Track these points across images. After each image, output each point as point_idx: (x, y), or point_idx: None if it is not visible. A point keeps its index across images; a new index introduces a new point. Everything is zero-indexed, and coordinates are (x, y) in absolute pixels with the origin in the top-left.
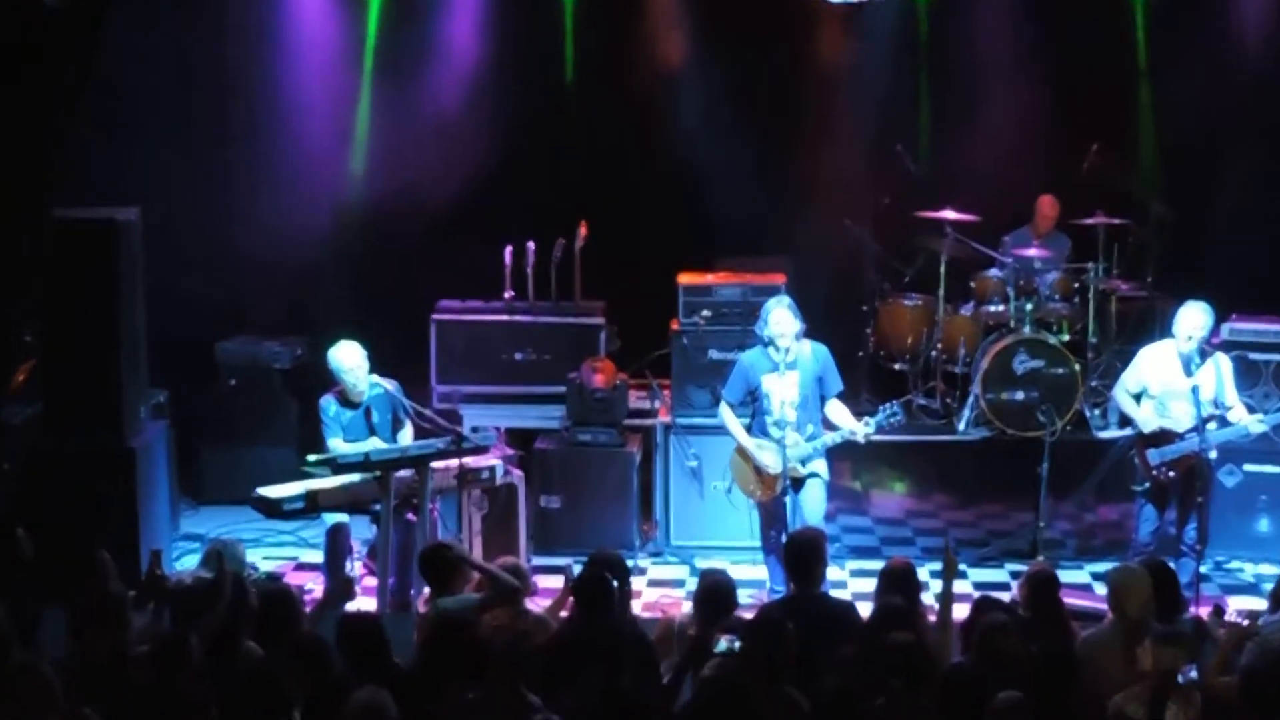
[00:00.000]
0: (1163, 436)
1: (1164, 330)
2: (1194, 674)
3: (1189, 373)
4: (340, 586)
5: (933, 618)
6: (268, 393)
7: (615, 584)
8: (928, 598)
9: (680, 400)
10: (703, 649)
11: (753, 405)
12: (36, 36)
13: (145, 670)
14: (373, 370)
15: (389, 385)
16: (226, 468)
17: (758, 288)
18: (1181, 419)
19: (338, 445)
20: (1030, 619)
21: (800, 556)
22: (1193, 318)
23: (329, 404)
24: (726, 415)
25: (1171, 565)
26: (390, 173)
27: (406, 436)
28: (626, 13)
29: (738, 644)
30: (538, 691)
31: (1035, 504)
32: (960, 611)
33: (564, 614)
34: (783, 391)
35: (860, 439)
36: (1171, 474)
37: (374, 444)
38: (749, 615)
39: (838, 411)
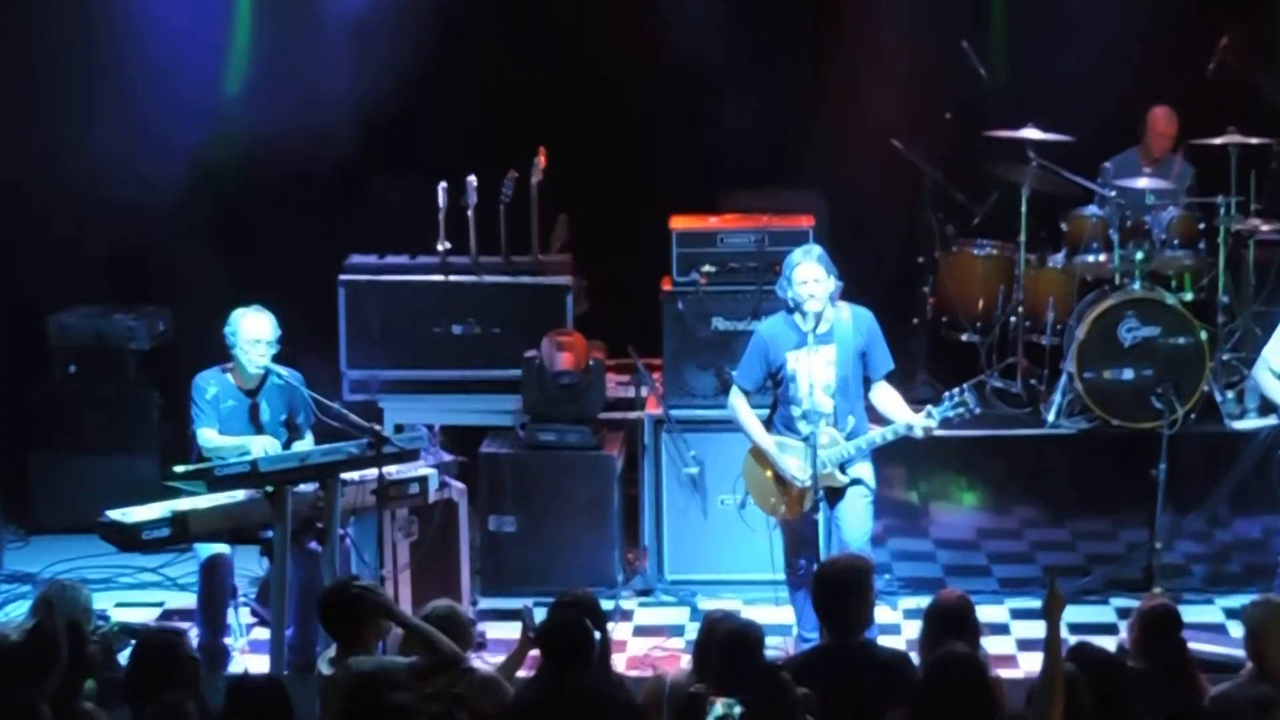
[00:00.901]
0: None
1: None
2: None
3: None
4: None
5: (1004, 671)
6: (120, 383)
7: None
8: (1000, 643)
9: (675, 386)
10: (694, 713)
11: (774, 392)
12: None
13: None
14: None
15: (289, 376)
16: (65, 484)
17: (778, 234)
18: None
19: (210, 438)
20: (1144, 670)
21: (837, 593)
22: None
23: (208, 382)
24: (739, 406)
25: None
26: (280, 89)
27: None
28: None
29: (737, 709)
30: None
31: (1150, 518)
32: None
33: (522, 673)
34: (814, 373)
35: (918, 434)
36: None
37: (262, 446)
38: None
39: (887, 399)
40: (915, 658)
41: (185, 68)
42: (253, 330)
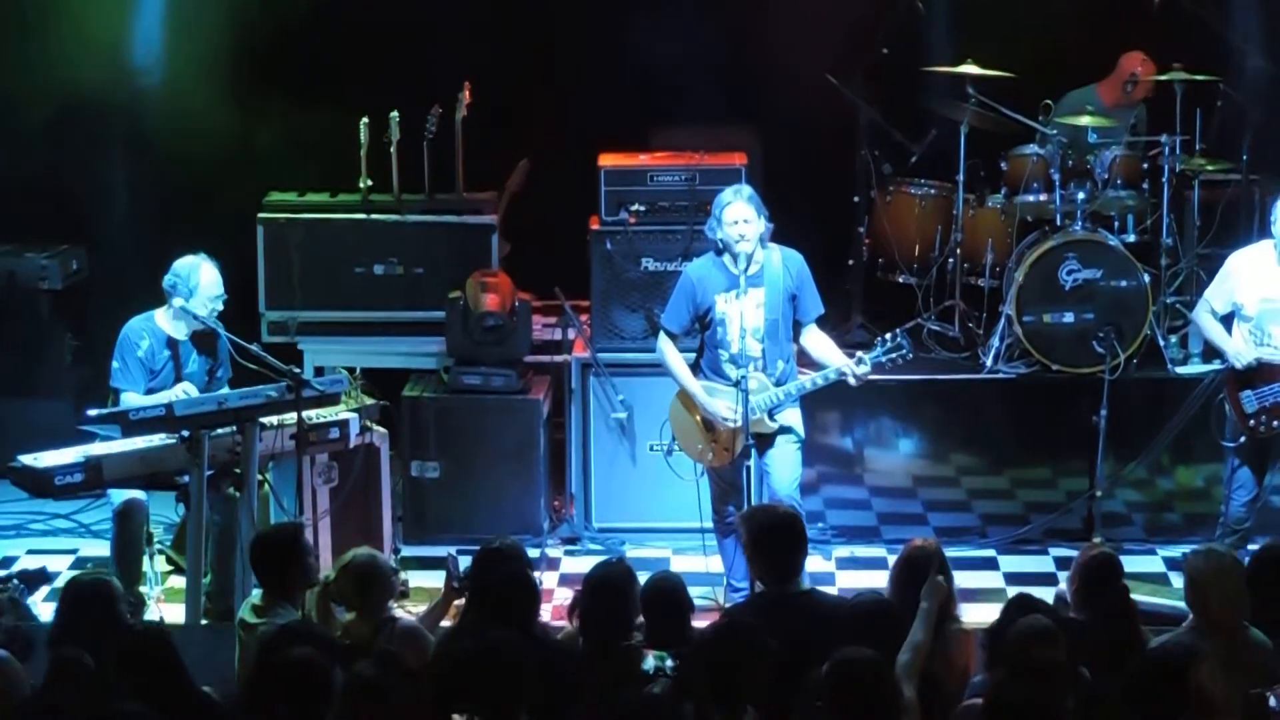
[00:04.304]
0: (1261, 373)
1: (1264, 228)
2: None
3: None
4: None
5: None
6: (31, 324)
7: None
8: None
9: (603, 329)
10: (627, 669)
11: (702, 335)
12: None
13: None
14: None
15: (223, 335)
16: None
17: (709, 172)
18: None
19: (132, 401)
20: (1084, 621)
21: (769, 541)
22: None
23: (140, 335)
24: (667, 349)
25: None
26: (198, 19)
27: None
28: None
29: (669, 661)
30: None
31: (1090, 466)
32: (988, 615)
33: (447, 623)
34: (744, 316)
35: (851, 380)
36: (1276, 424)
37: (180, 389)
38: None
39: (819, 343)
40: None
41: None
42: (213, 284)
